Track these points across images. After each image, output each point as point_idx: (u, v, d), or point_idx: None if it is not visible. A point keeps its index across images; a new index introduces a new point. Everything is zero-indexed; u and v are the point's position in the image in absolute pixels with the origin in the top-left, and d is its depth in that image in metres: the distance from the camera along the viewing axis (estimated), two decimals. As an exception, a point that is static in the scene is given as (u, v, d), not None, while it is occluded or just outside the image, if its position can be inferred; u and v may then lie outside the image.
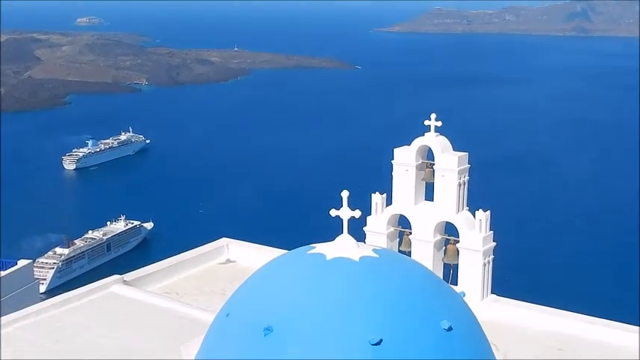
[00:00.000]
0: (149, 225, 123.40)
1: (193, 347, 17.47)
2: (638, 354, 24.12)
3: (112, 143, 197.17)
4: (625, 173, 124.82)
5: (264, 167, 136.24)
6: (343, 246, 16.53)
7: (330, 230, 18.00)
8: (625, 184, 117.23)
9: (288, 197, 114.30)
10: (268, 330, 15.11)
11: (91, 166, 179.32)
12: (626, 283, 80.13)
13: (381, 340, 14.72)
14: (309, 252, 16.86)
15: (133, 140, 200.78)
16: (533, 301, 27.46)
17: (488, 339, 17.53)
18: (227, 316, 16.80)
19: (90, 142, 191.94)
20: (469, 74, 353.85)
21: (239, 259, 32.06)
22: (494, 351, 17.33)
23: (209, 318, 19.20)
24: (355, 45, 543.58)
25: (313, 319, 15.30)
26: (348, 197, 16.98)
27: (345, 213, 16.92)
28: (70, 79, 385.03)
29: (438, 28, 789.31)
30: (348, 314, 15.28)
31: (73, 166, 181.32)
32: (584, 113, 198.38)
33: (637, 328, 25.45)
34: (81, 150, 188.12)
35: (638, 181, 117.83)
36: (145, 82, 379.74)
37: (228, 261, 32.29)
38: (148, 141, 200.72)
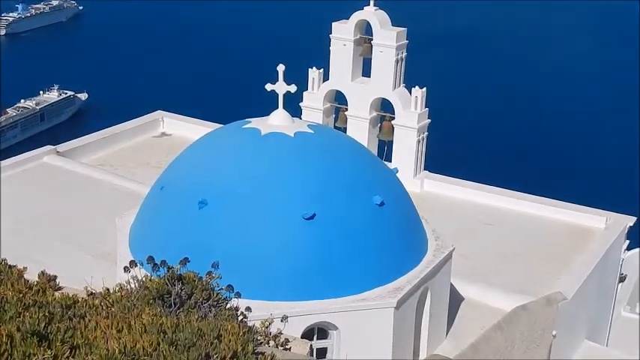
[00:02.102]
0: (83, 96, 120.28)
1: (128, 219, 17.54)
2: (564, 228, 25.09)
3: (44, 8, 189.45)
4: (569, 53, 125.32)
5: (201, 38, 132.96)
6: (278, 121, 16.50)
7: (265, 105, 17.89)
8: (568, 66, 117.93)
9: (225, 70, 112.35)
10: (203, 203, 15.20)
11: (22, 32, 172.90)
12: (558, 162, 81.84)
13: (314, 215, 14.97)
14: (245, 126, 16.80)
15: (65, 6, 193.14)
16: (465, 179, 28.07)
17: (420, 214, 17.98)
18: (161, 189, 16.82)
19: (20, 7, 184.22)
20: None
21: (174, 132, 31.82)
22: (424, 225, 17.81)
23: (144, 190, 19.19)
24: None
25: (247, 193, 15.43)
26: (284, 72, 16.83)
27: (281, 87, 16.79)
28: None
29: None
30: (282, 189, 15.44)
31: (2, 32, 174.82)
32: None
33: (564, 203, 26.38)
34: (10, 14, 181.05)
35: (577, 66, 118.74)
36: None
37: (164, 134, 32.05)
38: (81, 7, 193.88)
